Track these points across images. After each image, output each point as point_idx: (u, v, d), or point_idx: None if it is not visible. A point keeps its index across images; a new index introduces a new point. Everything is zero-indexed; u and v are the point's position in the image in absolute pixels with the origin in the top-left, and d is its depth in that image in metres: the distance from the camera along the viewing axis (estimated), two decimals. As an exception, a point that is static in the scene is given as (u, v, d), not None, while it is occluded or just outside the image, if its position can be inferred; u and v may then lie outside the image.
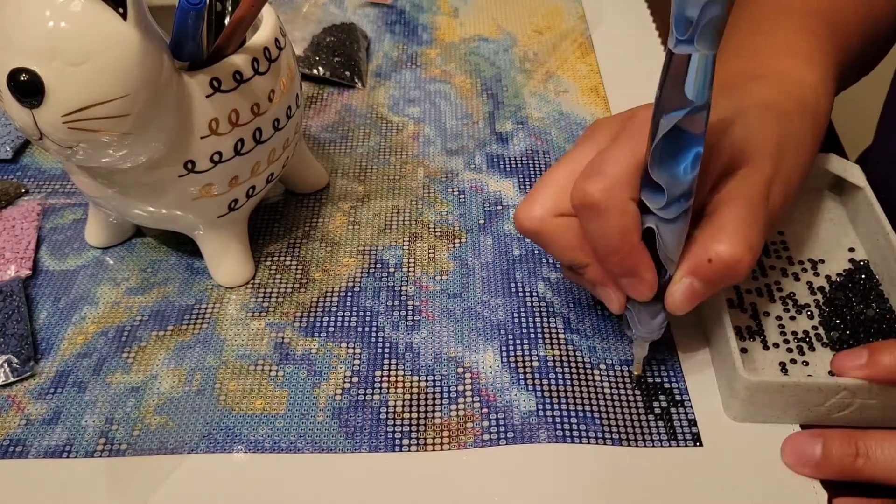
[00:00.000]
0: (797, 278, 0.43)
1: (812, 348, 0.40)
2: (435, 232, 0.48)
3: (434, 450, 0.37)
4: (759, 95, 0.39)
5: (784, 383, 0.36)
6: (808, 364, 0.39)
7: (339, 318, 0.43)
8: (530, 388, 0.39)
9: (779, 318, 0.41)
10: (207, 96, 0.37)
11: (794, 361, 0.39)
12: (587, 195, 0.33)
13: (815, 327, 0.41)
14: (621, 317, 0.39)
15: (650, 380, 0.39)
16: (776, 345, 0.40)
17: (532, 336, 0.41)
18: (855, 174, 0.46)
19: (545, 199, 0.36)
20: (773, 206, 0.36)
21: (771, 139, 0.37)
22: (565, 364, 0.40)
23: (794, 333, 0.40)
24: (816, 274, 0.43)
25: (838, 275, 0.43)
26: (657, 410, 0.38)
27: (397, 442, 0.37)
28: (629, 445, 0.37)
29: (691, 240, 0.35)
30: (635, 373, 0.39)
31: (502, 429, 0.37)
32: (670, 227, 0.33)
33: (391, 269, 0.45)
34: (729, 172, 0.36)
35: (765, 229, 0.35)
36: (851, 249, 0.45)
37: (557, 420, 0.37)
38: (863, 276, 0.43)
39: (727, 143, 0.35)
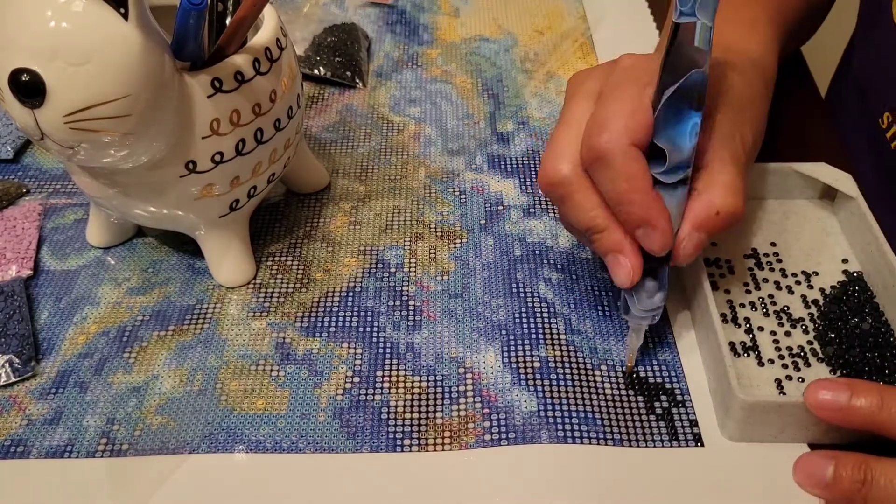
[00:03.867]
0: (791, 291, 0.42)
1: (808, 364, 0.39)
2: (436, 232, 0.48)
3: (435, 450, 0.37)
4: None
5: (782, 402, 0.35)
6: (803, 381, 0.38)
7: (341, 319, 0.43)
8: (531, 388, 0.39)
9: (773, 332, 0.40)
10: (209, 96, 0.37)
11: (789, 378, 0.38)
12: (594, 148, 0.35)
13: (809, 342, 0.40)
14: (620, 303, 0.39)
15: (651, 380, 0.39)
16: (771, 361, 0.39)
17: (533, 337, 0.41)
18: (847, 184, 0.45)
19: (569, 154, 0.37)
20: (749, 151, 0.39)
21: (728, 91, 0.39)
22: (566, 365, 0.40)
23: (789, 349, 0.40)
24: (810, 286, 0.43)
25: (832, 287, 0.43)
26: (658, 411, 0.38)
27: (398, 442, 0.37)
28: (630, 446, 0.37)
29: (692, 194, 0.37)
30: (628, 364, 0.39)
31: (503, 429, 0.37)
32: (670, 194, 0.35)
33: (392, 270, 0.45)
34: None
35: (747, 175, 0.38)
36: (845, 260, 0.44)
37: (559, 420, 0.37)
38: (857, 288, 0.42)
39: None
